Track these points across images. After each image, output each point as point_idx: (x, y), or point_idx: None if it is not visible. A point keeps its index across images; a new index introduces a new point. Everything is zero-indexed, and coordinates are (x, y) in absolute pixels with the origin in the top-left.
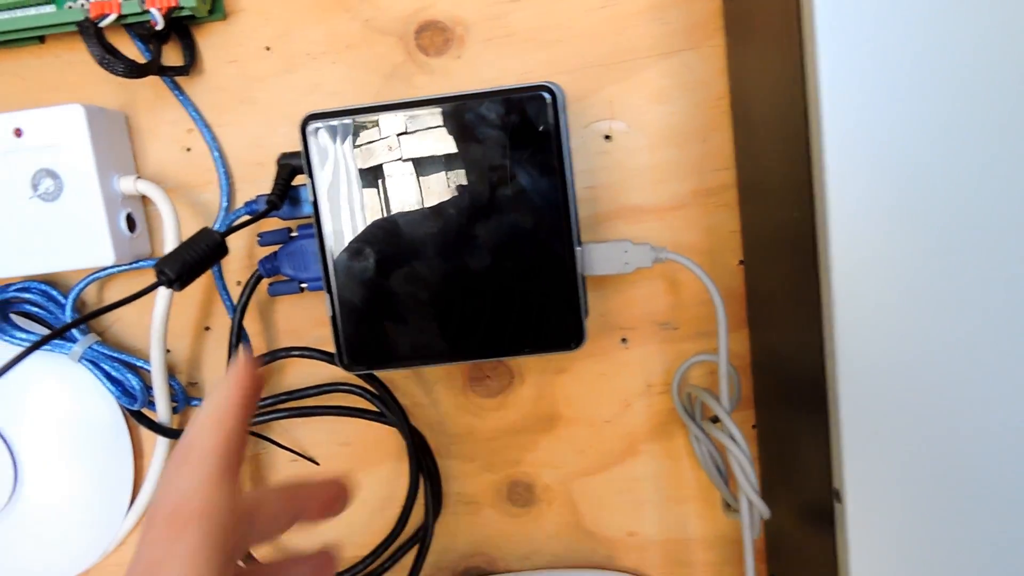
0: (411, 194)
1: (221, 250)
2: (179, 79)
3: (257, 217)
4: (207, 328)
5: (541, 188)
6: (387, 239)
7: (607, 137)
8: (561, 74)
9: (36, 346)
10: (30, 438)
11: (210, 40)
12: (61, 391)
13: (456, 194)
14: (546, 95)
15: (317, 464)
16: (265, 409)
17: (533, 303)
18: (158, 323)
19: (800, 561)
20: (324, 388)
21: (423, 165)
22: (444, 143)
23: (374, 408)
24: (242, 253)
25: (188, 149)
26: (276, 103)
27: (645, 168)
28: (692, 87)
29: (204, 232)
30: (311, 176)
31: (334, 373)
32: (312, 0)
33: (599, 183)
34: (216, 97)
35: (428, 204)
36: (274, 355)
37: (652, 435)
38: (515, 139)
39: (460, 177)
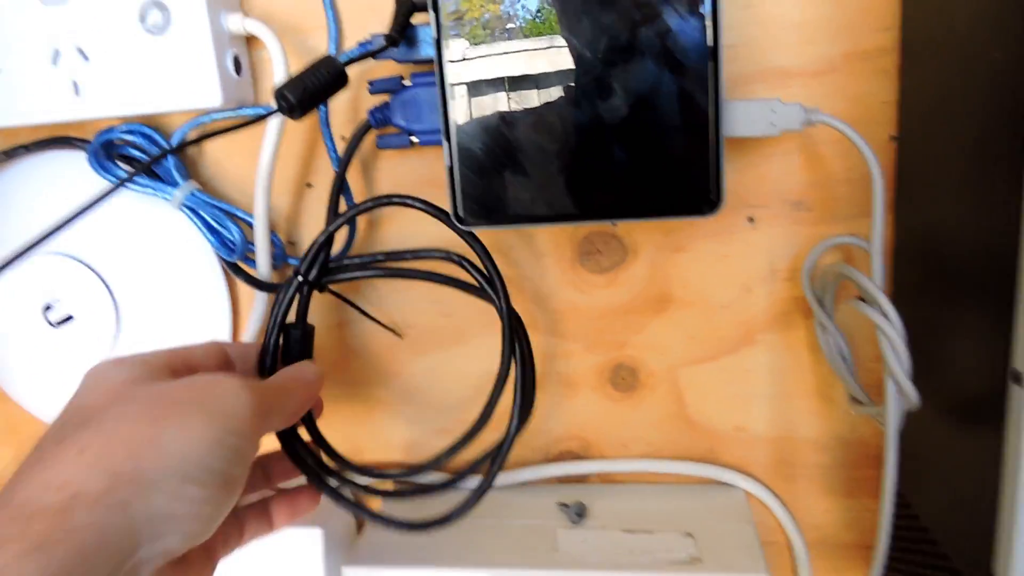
0: (545, 29)
1: (342, 79)
2: None
3: (375, 52)
4: (309, 185)
5: (689, 30)
6: (513, 83)
7: None
8: None
9: (131, 177)
10: (129, 284)
11: None
12: (160, 238)
13: (594, 33)
14: None
15: (400, 337)
16: (359, 265)
17: (668, 160)
18: (264, 169)
19: (935, 463)
20: (422, 253)
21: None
22: None
23: (473, 281)
24: (346, 107)
25: None
26: None
27: (792, 25)
28: None
29: (325, 59)
30: (435, 9)
31: (435, 238)
32: None
33: (738, 41)
34: None
35: (562, 43)
36: (378, 201)
37: (771, 324)
38: None
39: (600, 13)
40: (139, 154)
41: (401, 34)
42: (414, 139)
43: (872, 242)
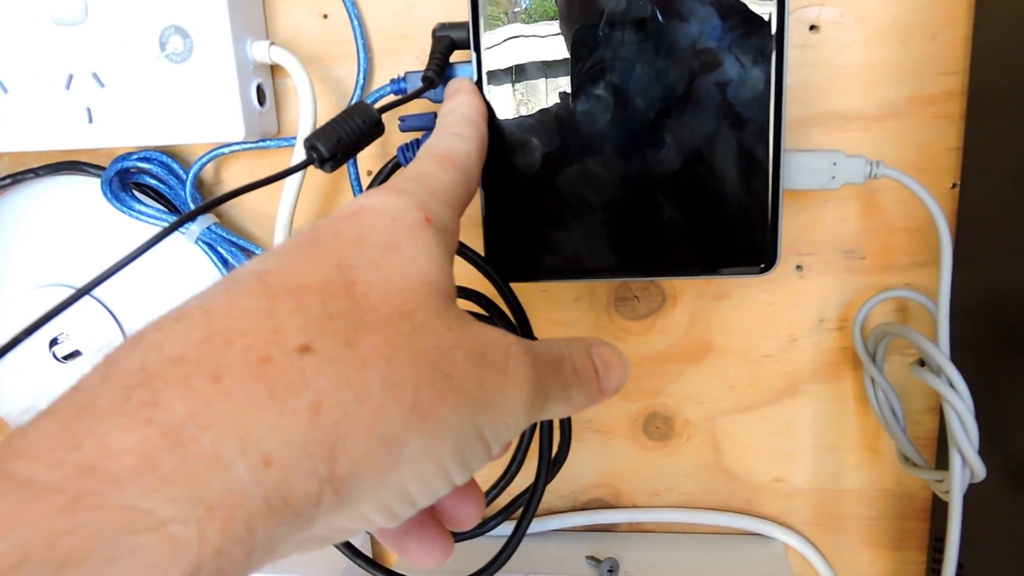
0: (593, 77)
1: (378, 129)
2: None
3: (413, 95)
4: None
5: (750, 80)
6: (559, 130)
7: (813, 27)
8: None
9: (167, 232)
10: (140, 319)
11: None
12: (174, 271)
13: (647, 81)
14: None
15: None
16: None
17: (721, 216)
18: (285, 212)
19: (994, 530)
20: None
21: (612, 44)
22: (640, 17)
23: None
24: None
25: (325, 16)
26: None
27: (855, 67)
28: None
29: (360, 107)
30: (477, 51)
31: (460, 275)
32: None
33: (795, 82)
34: None
35: (612, 90)
36: None
37: (817, 375)
38: (727, 19)
39: (654, 60)
40: (155, 183)
41: (439, 75)
42: None
43: (938, 305)
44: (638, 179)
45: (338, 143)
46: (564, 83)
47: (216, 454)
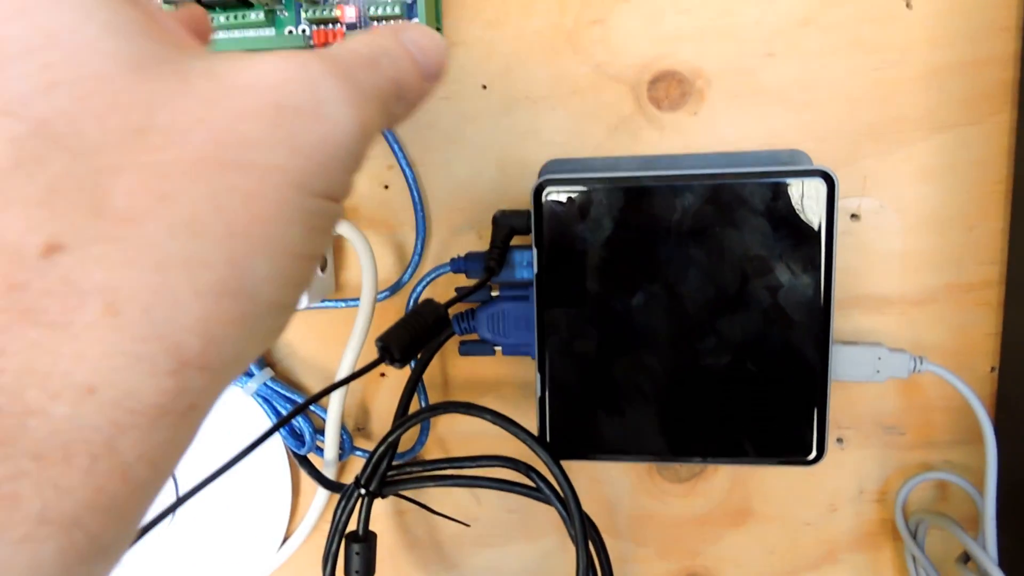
0: (649, 275)
1: (445, 324)
2: None
3: (476, 288)
4: (383, 375)
5: (800, 284)
6: (616, 322)
7: (854, 216)
8: (811, 141)
9: (275, 428)
10: (191, 460)
11: None
12: (228, 420)
13: (699, 281)
14: (823, 183)
15: (468, 526)
16: (423, 476)
17: (770, 408)
18: (344, 376)
19: None
20: (492, 462)
21: (667, 245)
22: (694, 223)
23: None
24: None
25: (386, 186)
26: (487, 146)
27: (895, 254)
28: (966, 167)
29: (428, 305)
30: (539, 246)
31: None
32: (540, 38)
33: (839, 265)
34: (423, 134)
35: (667, 288)
36: (450, 407)
37: (857, 544)
38: (778, 228)
39: (706, 262)
40: None
41: (500, 264)
42: (498, 348)
43: (984, 500)
44: (691, 371)
45: (409, 343)
46: (622, 279)
47: (21, 404)
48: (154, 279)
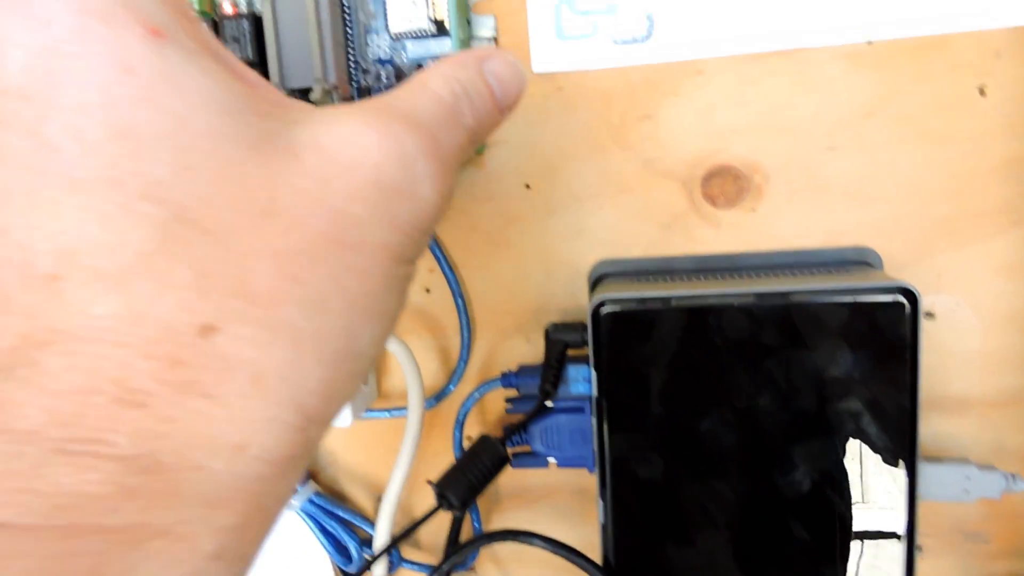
0: (717, 398)
1: (503, 463)
2: None
3: (533, 415)
4: (430, 482)
5: (883, 407)
6: (683, 445)
7: (928, 314)
8: (879, 237)
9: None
10: None
11: (465, 174)
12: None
13: (772, 403)
14: (905, 302)
15: None
16: None
17: (853, 536)
18: (391, 498)
19: None
20: None
21: (736, 366)
22: (765, 343)
23: None
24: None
25: (428, 290)
26: (532, 248)
27: (974, 354)
28: None
29: (484, 443)
30: (599, 369)
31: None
32: (585, 135)
33: None
34: (465, 237)
35: (737, 412)
36: (507, 535)
37: None
38: (858, 350)
39: (779, 384)
40: None
41: (556, 386)
42: (551, 459)
43: None
44: (765, 498)
45: (468, 488)
46: (688, 401)
47: (187, 462)
48: (290, 354)
